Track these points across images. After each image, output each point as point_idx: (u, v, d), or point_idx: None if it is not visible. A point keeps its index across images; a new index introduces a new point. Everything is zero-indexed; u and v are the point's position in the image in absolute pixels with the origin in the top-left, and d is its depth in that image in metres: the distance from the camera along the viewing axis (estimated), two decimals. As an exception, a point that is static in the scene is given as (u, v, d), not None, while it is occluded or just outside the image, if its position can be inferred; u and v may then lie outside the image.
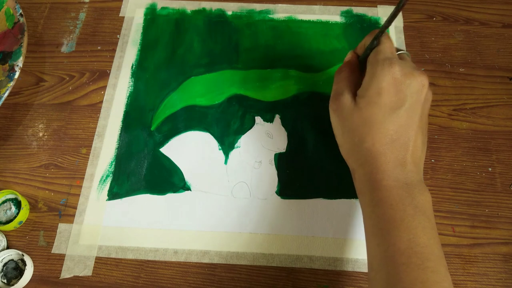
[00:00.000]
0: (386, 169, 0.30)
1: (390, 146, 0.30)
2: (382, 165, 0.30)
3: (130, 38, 0.47)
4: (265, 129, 0.42)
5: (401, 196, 0.29)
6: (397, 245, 0.28)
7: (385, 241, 0.29)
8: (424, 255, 0.27)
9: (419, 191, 0.30)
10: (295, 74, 0.45)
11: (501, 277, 0.36)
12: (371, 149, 0.31)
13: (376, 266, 0.29)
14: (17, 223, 0.37)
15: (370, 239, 0.30)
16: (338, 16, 0.48)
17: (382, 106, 0.30)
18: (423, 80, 0.31)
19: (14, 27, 0.44)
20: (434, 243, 0.28)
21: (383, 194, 0.30)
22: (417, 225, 0.28)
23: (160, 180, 0.39)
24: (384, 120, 0.30)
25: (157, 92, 0.44)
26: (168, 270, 0.36)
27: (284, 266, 0.36)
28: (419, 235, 0.28)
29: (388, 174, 0.30)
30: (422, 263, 0.27)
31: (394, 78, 0.30)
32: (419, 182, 0.30)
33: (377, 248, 0.29)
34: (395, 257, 0.27)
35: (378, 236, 0.29)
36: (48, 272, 0.36)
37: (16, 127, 0.43)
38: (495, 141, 0.41)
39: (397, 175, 0.30)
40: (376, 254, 0.29)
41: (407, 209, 0.29)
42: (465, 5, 0.49)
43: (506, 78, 0.45)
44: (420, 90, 0.31)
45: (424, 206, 0.29)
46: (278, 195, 0.39)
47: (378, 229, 0.30)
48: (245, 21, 0.48)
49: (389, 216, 0.29)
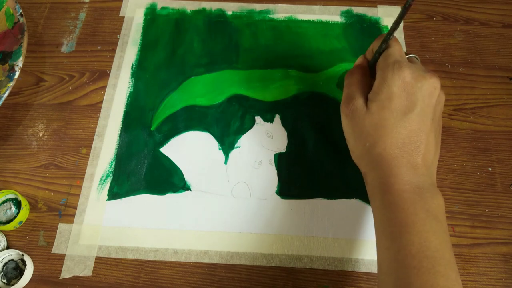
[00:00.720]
0: (398, 173, 0.30)
1: (402, 150, 0.30)
2: (394, 169, 0.30)
3: (130, 38, 0.47)
4: (265, 129, 0.42)
5: (412, 200, 0.29)
6: (408, 249, 0.27)
7: (395, 245, 0.28)
8: (435, 259, 0.27)
9: (431, 195, 0.29)
10: (295, 74, 0.45)
11: (501, 277, 0.36)
12: (383, 154, 0.31)
13: (386, 269, 0.29)
14: (17, 223, 0.37)
15: (381, 242, 0.30)
16: (338, 16, 0.48)
17: (394, 111, 0.30)
18: (435, 82, 0.30)
19: (14, 27, 0.44)
20: (445, 247, 0.28)
21: (395, 198, 0.29)
22: (428, 229, 0.28)
23: (160, 180, 0.39)
24: (396, 125, 0.30)
25: (157, 92, 0.44)
26: (168, 270, 0.36)
27: (284, 266, 0.36)
28: (431, 239, 0.27)
29: (400, 178, 0.30)
30: (433, 267, 0.26)
31: (405, 82, 0.30)
32: (431, 186, 0.30)
33: (387, 251, 0.29)
34: (405, 261, 0.27)
35: (389, 239, 0.29)
36: (48, 272, 0.36)
37: (16, 127, 0.43)
38: (495, 141, 0.41)
39: (409, 178, 0.30)
40: (386, 257, 0.29)
41: (419, 213, 0.28)
42: (465, 5, 0.49)
43: (506, 78, 0.45)
44: (432, 92, 0.30)
45: (436, 210, 0.29)
46: (278, 195, 0.39)
47: (389, 232, 0.29)
48: (245, 21, 0.48)
49: (401, 219, 0.28)
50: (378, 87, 0.31)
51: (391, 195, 0.30)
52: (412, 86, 0.30)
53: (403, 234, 0.28)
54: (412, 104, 0.30)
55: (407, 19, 0.48)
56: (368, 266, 0.36)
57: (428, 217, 0.28)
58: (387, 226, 0.29)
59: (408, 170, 0.30)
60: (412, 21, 0.48)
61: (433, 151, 0.31)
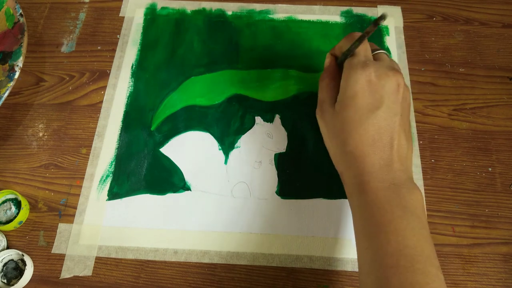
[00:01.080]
0: (372, 170, 0.30)
1: (372, 147, 0.30)
2: (367, 167, 0.30)
3: (130, 38, 0.47)
4: (265, 129, 0.42)
5: (388, 198, 0.29)
6: (385, 248, 0.27)
7: (373, 244, 0.28)
8: (413, 257, 0.27)
9: (407, 190, 0.29)
10: (295, 74, 0.45)
11: (501, 277, 0.36)
12: (354, 152, 0.31)
13: (365, 269, 0.29)
14: (17, 223, 0.37)
15: (360, 242, 0.30)
16: (338, 16, 0.48)
17: (359, 109, 0.31)
18: (398, 80, 0.31)
19: (14, 27, 0.44)
20: (424, 243, 0.28)
21: (370, 197, 0.29)
22: (406, 227, 0.28)
23: (160, 180, 0.39)
24: (362, 122, 0.31)
25: (157, 92, 0.44)
26: (168, 270, 0.36)
27: (284, 266, 0.36)
28: (408, 237, 0.27)
29: (374, 176, 0.30)
30: (412, 265, 0.26)
31: (368, 81, 0.31)
32: (407, 181, 0.30)
33: (365, 252, 0.29)
34: (384, 260, 0.27)
35: (367, 239, 0.29)
36: (48, 272, 0.36)
37: (16, 127, 0.43)
38: (495, 141, 0.41)
39: (383, 175, 0.30)
40: (365, 257, 0.29)
41: (395, 210, 0.28)
42: (465, 5, 0.49)
43: (506, 78, 0.45)
44: (396, 89, 0.31)
45: (413, 206, 0.29)
46: (278, 195, 0.39)
47: (367, 232, 0.29)
48: (245, 21, 0.48)
49: (377, 218, 0.29)
50: (343, 87, 0.32)
51: (367, 194, 0.30)
52: (375, 84, 0.30)
53: (380, 234, 0.28)
54: (378, 101, 0.30)
55: (407, 19, 0.48)
56: (368, 266, 0.36)
57: (405, 214, 0.28)
58: (365, 226, 0.30)
59: (382, 167, 0.30)
60: (412, 21, 0.48)
61: (406, 146, 0.31)
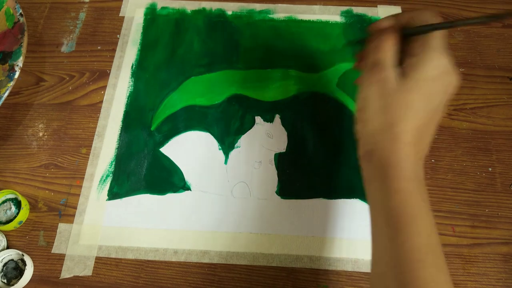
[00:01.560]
0: (408, 160, 0.28)
1: (417, 138, 0.29)
2: (406, 155, 0.28)
3: (130, 38, 0.47)
4: (265, 129, 0.42)
5: (418, 190, 0.28)
6: (414, 240, 0.26)
7: (401, 235, 0.27)
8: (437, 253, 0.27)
9: (425, 189, 0.29)
10: (295, 74, 0.45)
11: (501, 277, 0.36)
12: (401, 136, 0.28)
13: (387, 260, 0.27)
14: (17, 223, 0.37)
15: (382, 231, 0.29)
16: (338, 16, 0.48)
17: (427, 96, 0.29)
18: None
19: (14, 27, 0.44)
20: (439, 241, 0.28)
21: (402, 185, 0.28)
22: (432, 221, 0.27)
23: (160, 180, 0.39)
24: (422, 110, 0.28)
25: (157, 92, 0.44)
26: (168, 270, 0.36)
27: (284, 266, 0.36)
28: (435, 232, 0.27)
29: (409, 166, 0.28)
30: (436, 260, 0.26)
31: (446, 71, 0.29)
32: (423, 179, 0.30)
33: (389, 242, 0.27)
34: (412, 253, 0.26)
35: (393, 229, 0.27)
36: (48, 272, 0.36)
37: (16, 127, 0.43)
38: (495, 141, 0.41)
39: (416, 168, 0.29)
40: (388, 248, 0.28)
41: (422, 204, 0.28)
42: (465, 5, 0.49)
43: (506, 78, 0.45)
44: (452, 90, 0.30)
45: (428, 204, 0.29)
46: (278, 195, 0.39)
47: (393, 222, 0.28)
48: (245, 21, 0.48)
49: (408, 209, 0.27)
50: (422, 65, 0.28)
51: (398, 182, 0.28)
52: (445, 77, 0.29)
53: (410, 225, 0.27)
54: (440, 94, 0.29)
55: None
56: (368, 266, 0.36)
57: (429, 210, 0.28)
58: (391, 215, 0.28)
59: (417, 160, 0.29)
60: (412, 21, 0.48)
61: None
